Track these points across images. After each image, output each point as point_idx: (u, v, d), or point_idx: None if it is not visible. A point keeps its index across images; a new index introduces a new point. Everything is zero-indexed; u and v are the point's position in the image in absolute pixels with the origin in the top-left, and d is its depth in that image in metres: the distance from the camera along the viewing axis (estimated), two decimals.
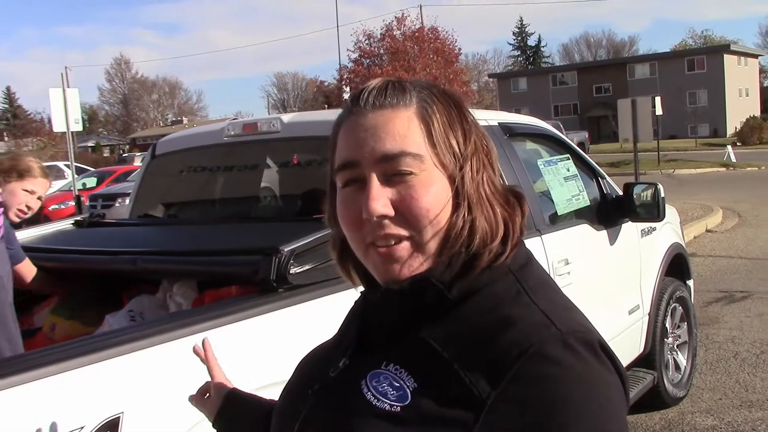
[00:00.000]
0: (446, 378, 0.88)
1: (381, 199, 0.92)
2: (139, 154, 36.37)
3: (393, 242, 0.94)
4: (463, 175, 0.96)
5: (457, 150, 0.96)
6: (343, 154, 0.97)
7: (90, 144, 64.67)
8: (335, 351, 1.06)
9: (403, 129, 0.94)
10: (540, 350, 0.85)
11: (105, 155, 58.20)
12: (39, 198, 3.07)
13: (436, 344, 0.91)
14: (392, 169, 0.93)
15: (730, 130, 50.07)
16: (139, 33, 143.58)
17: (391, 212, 0.93)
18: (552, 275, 3.25)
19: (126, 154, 44.37)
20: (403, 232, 0.94)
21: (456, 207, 0.95)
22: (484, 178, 0.98)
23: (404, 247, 0.94)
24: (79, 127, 14.17)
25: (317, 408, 0.99)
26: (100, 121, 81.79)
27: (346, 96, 37.14)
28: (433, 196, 0.94)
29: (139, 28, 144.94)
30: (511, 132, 3.55)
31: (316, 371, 1.05)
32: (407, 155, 0.93)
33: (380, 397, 0.91)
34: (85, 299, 3.07)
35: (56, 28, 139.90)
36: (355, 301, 1.12)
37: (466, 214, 0.95)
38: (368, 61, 37.39)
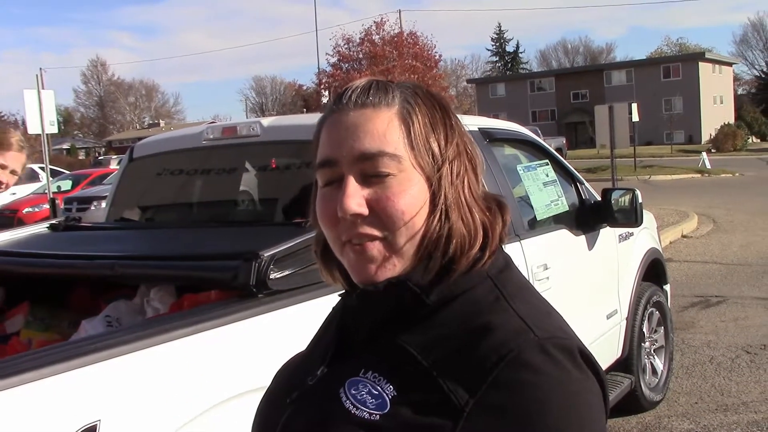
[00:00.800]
0: (425, 385, 0.87)
1: (356, 197, 0.93)
2: (115, 157, 36.06)
3: (366, 240, 0.94)
4: (440, 178, 0.95)
5: (437, 152, 0.96)
6: (324, 152, 0.97)
7: (65, 146, 64.01)
8: (312, 358, 1.05)
9: (383, 128, 0.94)
10: (518, 357, 0.85)
11: (80, 158, 57.57)
12: (13, 172, 2.95)
13: (415, 351, 0.90)
14: (370, 169, 0.93)
15: (705, 137, 50.72)
16: (115, 35, 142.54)
17: (365, 211, 0.93)
18: (531, 280, 3.26)
19: (102, 157, 43.95)
20: (377, 233, 0.94)
21: (432, 211, 0.95)
22: (465, 183, 0.97)
23: (376, 247, 0.94)
24: (54, 129, 14.01)
25: (295, 417, 0.98)
26: (75, 124, 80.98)
27: (324, 100, 37.17)
28: (410, 197, 0.93)
29: (115, 30, 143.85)
30: (491, 137, 3.56)
31: (293, 380, 1.04)
32: (385, 155, 0.93)
33: (359, 406, 0.90)
34: (53, 308, 3.02)
35: (30, 29, 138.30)
36: (333, 308, 1.11)
37: (443, 218, 0.95)
38: (347, 65, 37.41)
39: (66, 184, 20.19)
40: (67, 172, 24.88)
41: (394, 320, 0.95)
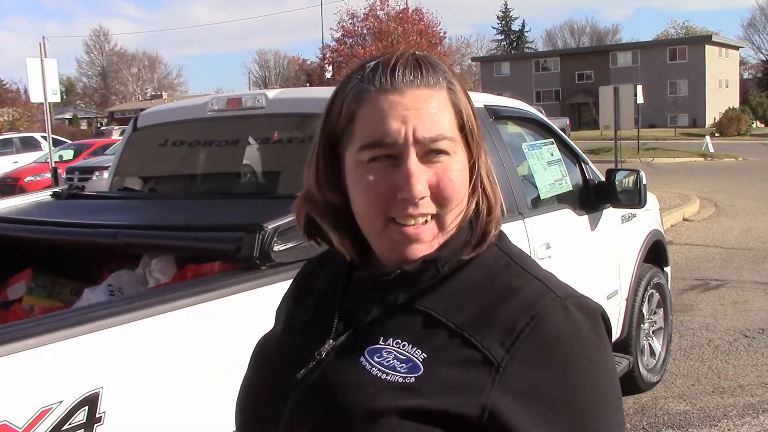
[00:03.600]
0: (457, 346, 0.92)
1: (422, 180, 0.93)
2: (117, 127, 35.92)
3: (422, 221, 0.95)
4: (478, 158, 1.00)
5: (476, 134, 1.00)
6: (378, 131, 0.94)
7: (67, 116, 63.77)
8: (309, 332, 1.03)
9: (441, 111, 0.95)
10: (546, 315, 0.92)
11: (82, 128, 57.43)
12: None
13: (439, 315, 0.94)
14: (430, 150, 0.94)
15: (709, 121, 50.50)
16: (119, 5, 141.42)
17: (428, 193, 0.94)
18: (533, 258, 3.26)
19: (104, 128, 43.81)
20: (432, 211, 0.96)
21: (473, 189, 0.99)
22: (487, 161, 1.02)
23: (430, 227, 0.96)
24: (57, 99, 13.95)
25: (313, 391, 0.96)
26: (77, 94, 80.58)
27: (328, 75, 37.00)
28: (462, 178, 0.97)
29: (118, 0, 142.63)
30: (497, 115, 3.54)
31: (290, 356, 1.02)
32: (445, 138, 0.95)
33: (389, 371, 0.91)
34: (56, 275, 3.02)
35: None
36: (299, 280, 1.16)
37: (481, 195, 1.00)
38: (351, 40, 37.18)
39: (68, 154, 20.17)
40: (69, 141, 24.82)
41: (408, 289, 0.97)
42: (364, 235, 1.00)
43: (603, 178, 4.17)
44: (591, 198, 4.05)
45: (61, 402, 1.62)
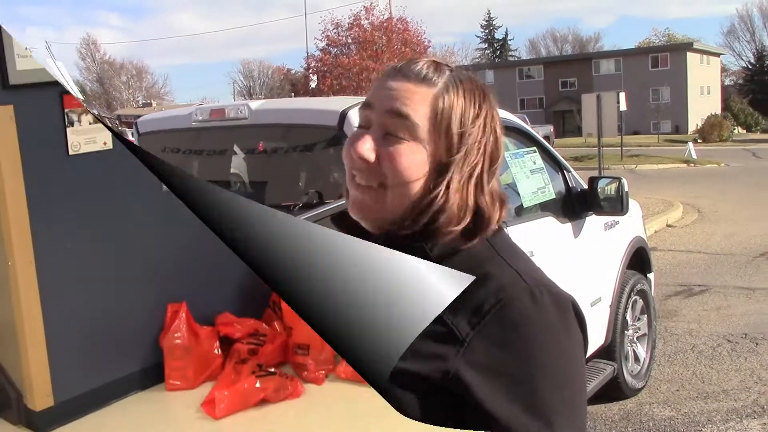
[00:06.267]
0: (432, 323, 1.01)
1: (369, 144, 1.07)
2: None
3: (365, 183, 1.09)
4: (449, 162, 1.07)
5: (455, 140, 1.07)
6: (368, 97, 1.12)
7: None
8: None
9: (416, 100, 1.07)
10: (512, 300, 1.01)
11: None
12: None
13: None
14: (391, 127, 1.07)
15: (692, 127, 50.89)
16: (103, 15, 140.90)
17: (371, 158, 1.07)
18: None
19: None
20: (374, 180, 1.08)
21: (434, 184, 1.07)
22: (475, 173, 1.09)
23: (371, 192, 1.09)
24: None
25: None
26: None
27: (313, 84, 37.02)
28: (412, 162, 1.07)
29: (102, 10, 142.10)
30: None
31: None
32: (407, 120, 1.06)
33: None
34: None
35: (17, 8, 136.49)
36: None
37: (441, 192, 1.07)
38: (336, 50, 37.19)
39: None
40: None
41: None
42: None
43: (585, 186, 4.20)
44: (574, 206, 4.08)
45: None
